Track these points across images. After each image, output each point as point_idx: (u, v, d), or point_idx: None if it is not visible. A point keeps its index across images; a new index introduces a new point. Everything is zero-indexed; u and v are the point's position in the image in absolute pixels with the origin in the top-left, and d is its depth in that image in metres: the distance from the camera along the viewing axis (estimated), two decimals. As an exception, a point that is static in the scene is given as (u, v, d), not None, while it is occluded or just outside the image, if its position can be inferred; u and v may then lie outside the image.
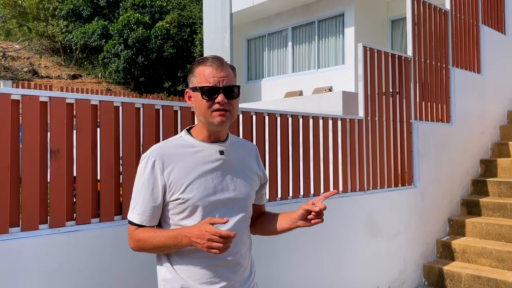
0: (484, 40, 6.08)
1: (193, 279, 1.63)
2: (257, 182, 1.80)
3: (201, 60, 1.68)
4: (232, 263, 1.67)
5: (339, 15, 11.75)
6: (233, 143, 1.77)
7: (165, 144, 1.71)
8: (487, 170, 5.76)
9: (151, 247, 1.62)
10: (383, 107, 4.48)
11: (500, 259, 4.53)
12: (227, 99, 1.62)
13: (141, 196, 1.65)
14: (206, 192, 1.63)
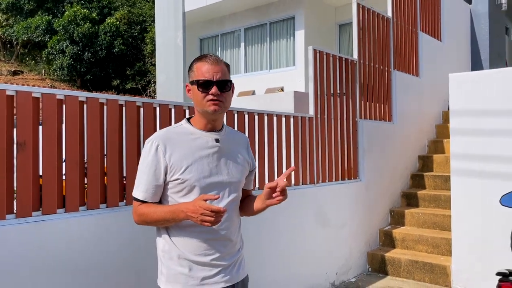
0: (422, 46, 6.61)
1: (188, 251, 1.83)
2: (247, 168, 2.01)
3: (199, 57, 1.90)
4: (223, 238, 1.88)
5: (290, 18, 12.10)
6: (228, 133, 1.98)
7: (167, 131, 1.92)
8: (425, 165, 6.29)
9: (152, 220, 1.82)
10: (331, 106, 4.81)
11: (434, 245, 5.00)
12: (220, 92, 1.83)
13: (145, 176, 1.84)
14: (202, 174, 1.83)
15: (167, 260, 1.86)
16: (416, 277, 4.82)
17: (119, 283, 2.77)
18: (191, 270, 1.82)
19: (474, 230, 4.43)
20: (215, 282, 1.84)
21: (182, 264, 1.83)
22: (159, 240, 1.91)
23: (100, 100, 2.83)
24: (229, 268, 1.89)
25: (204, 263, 1.83)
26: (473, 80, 4.59)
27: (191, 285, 1.81)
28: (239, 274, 1.94)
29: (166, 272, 1.86)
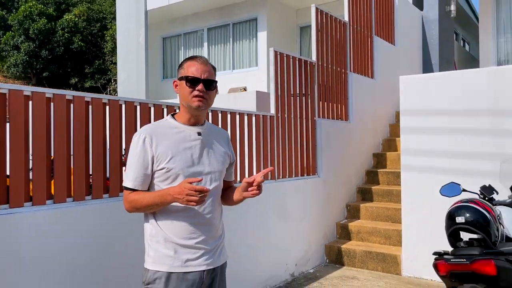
0: (376, 49, 6.98)
1: (174, 234, 1.99)
2: (227, 160, 2.19)
3: (190, 57, 2.10)
4: (207, 223, 2.04)
5: (252, 19, 12.28)
6: (209, 128, 2.16)
7: (153, 125, 2.12)
8: (379, 162, 6.65)
9: (142, 205, 1.97)
10: (291, 106, 5.04)
11: (387, 236, 5.33)
12: (206, 90, 2.02)
13: (134, 166, 2.00)
14: (186, 164, 2.00)
15: (154, 243, 2.02)
16: (370, 267, 5.13)
17: (85, 275, 2.85)
18: (176, 253, 1.98)
19: (421, 222, 4.78)
20: (198, 264, 2.01)
21: (168, 246, 1.99)
22: (146, 225, 2.07)
23: (67, 96, 2.90)
24: (211, 252, 2.06)
25: (188, 246, 2.00)
26: (421, 82, 4.95)
27: (176, 266, 1.98)
28: (220, 259, 2.12)
29: (153, 254, 2.01)
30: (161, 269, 1.98)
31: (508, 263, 2.09)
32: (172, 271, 1.97)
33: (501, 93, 4.39)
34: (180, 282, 1.97)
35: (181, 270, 1.98)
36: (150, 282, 2.00)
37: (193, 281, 1.99)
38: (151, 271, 2.00)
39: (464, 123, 4.57)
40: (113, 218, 3.04)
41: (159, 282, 1.97)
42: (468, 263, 2.11)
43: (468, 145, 4.52)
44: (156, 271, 1.98)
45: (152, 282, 1.99)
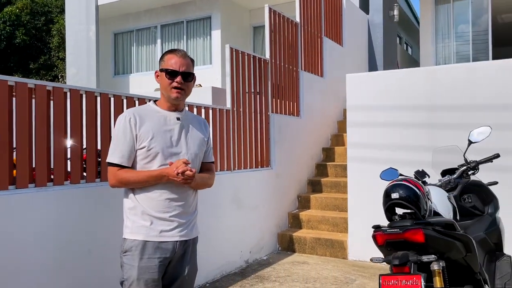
0: (326, 49, 7.38)
1: (150, 208, 2.19)
2: (204, 144, 2.40)
3: (170, 50, 2.30)
4: (181, 199, 2.25)
5: (206, 17, 12.40)
6: (188, 114, 2.39)
7: (137, 108, 2.37)
8: (327, 156, 7.05)
9: (134, 182, 2.19)
10: (246, 101, 5.28)
11: (334, 224, 5.70)
12: (184, 81, 2.23)
13: (120, 143, 2.20)
14: (165, 144, 2.21)
15: (132, 215, 2.21)
16: (319, 252, 5.48)
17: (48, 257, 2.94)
18: (152, 224, 2.19)
19: (365, 209, 5.18)
20: (172, 235, 2.22)
21: (145, 218, 2.19)
22: (126, 200, 2.26)
23: (29, 85, 2.97)
24: (184, 226, 2.27)
25: (163, 218, 2.20)
26: (365, 80, 5.36)
27: (151, 235, 2.18)
28: (192, 233, 2.34)
29: (130, 225, 2.21)
30: (138, 238, 2.17)
31: (434, 232, 2.43)
32: (148, 240, 2.17)
33: (435, 91, 4.86)
34: (155, 250, 2.17)
35: (156, 239, 2.18)
36: (128, 250, 2.18)
37: (166, 250, 2.19)
38: (129, 240, 2.19)
39: (403, 117, 5.00)
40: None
41: (136, 249, 2.16)
42: (401, 232, 2.42)
43: (407, 137, 4.96)
44: (134, 239, 2.18)
45: (129, 250, 2.18)
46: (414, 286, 2.28)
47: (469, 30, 10.75)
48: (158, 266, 2.17)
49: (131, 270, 2.16)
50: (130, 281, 2.15)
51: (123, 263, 2.20)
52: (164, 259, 2.19)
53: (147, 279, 2.14)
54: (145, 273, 2.14)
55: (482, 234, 3.16)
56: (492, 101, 4.54)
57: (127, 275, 2.17)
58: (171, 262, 2.24)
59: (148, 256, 2.16)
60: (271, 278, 4.60)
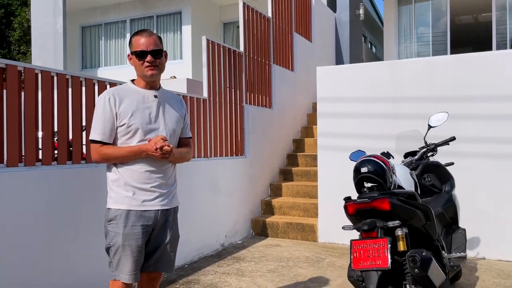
0: (296, 44, 7.67)
1: (132, 179, 2.35)
2: (181, 121, 2.56)
3: (136, 33, 2.43)
4: (161, 171, 2.42)
5: (176, 12, 12.47)
6: (165, 92, 2.54)
7: (116, 87, 2.47)
8: (298, 147, 7.35)
9: (115, 157, 2.34)
10: (222, 91, 5.48)
11: (305, 209, 6.00)
12: (154, 59, 2.35)
13: (101, 121, 2.33)
14: (144, 121, 2.37)
15: (116, 187, 2.37)
16: (290, 236, 5.76)
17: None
18: (134, 194, 2.35)
19: (334, 195, 5.47)
20: (153, 204, 2.39)
21: (127, 189, 2.35)
22: (109, 173, 2.41)
23: (18, 67, 3.07)
24: (164, 196, 2.44)
25: (145, 189, 2.37)
26: (335, 72, 5.68)
27: (134, 205, 2.34)
28: (172, 202, 2.52)
29: (114, 196, 2.37)
30: (122, 207, 2.34)
31: (398, 201, 2.72)
32: (131, 209, 2.33)
33: (398, 83, 5.23)
34: (138, 218, 2.33)
35: (138, 208, 2.34)
36: (112, 218, 2.34)
37: (149, 218, 2.36)
38: (113, 209, 2.35)
39: (369, 108, 5.35)
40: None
41: (120, 218, 2.32)
42: (370, 201, 2.70)
43: (373, 127, 5.30)
44: (117, 209, 2.34)
45: (114, 219, 2.34)
46: (380, 248, 2.57)
47: (429, 31, 11.36)
48: (142, 233, 2.33)
49: (116, 237, 2.31)
50: (116, 247, 2.31)
51: (108, 231, 2.35)
52: (146, 227, 2.35)
53: (131, 245, 2.30)
54: (130, 239, 2.30)
55: (440, 209, 3.51)
56: (448, 93, 4.94)
57: (113, 242, 2.32)
58: (154, 229, 2.41)
59: (132, 224, 2.32)
60: (247, 258, 4.83)
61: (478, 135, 4.76)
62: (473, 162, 4.77)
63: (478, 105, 4.79)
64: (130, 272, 2.31)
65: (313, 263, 4.62)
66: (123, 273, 2.31)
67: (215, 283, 4.00)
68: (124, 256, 2.30)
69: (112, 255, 2.34)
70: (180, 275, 4.26)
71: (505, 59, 4.75)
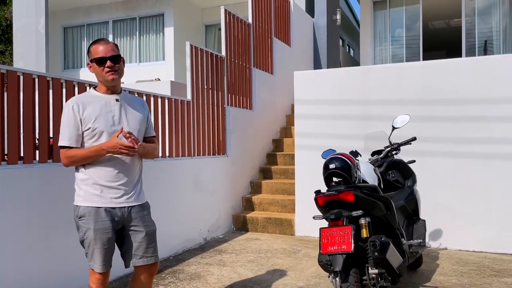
0: (275, 49, 8.03)
1: (100, 178, 2.56)
2: (145, 121, 2.77)
3: (93, 42, 2.63)
4: (127, 170, 2.64)
5: (159, 14, 12.69)
6: (126, 95, 2.74)
7: (79, 96, 2.66)
8: (277, 147, 7.71)
9: (79, 158, 2.52)
10: (205, 93, 5.80)
11: (283, 205, 6.36)
12: (113, 64, 2.55)
13: (67, 128, 2.54)
14: (108, 123, 2.57)
15: (84, 185, 2.56)
16: (269, 230, 6.11)
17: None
18: (102, 192, 2.55)
19: (310, 192, 5.84)
20: (120, 202, 2.59)
21: (95, 188, 2.55)
22: (77, 173, 2.61)
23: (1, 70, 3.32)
24: (130, 193, 2.64)
25: (112, 187, 2.57)
26: (311, 77, 6.05)
27: (103, 202, 2.55)
28: (138, 199, 2.70)
29: (83, 194, 2.56)
30: (91, 205, 2.53)
31: (362, 194, 3.08)
32: (100, 206, 2.54)
33: (369, 87, 5.63)
34: (106, 214, 2.54)
35: (107, 205, 2.55)
36: (82, 215, 2.55)
37: (115, 215, 2.57)
38: (82, 207, 2.55)
39: (342, 110, 5.74)
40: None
41: (89, 215, 2.53)
42: (336, 194, 3.05)
43: (345, 128, 5.69)
44: (87, 206, 2.54)
45: (84, 216, 2.54)
46: (345, 234, 2.94)
47: (403, 35, 11.89)
48: (111, 227, 2.56)
49: (88, 232, 2.54)
50: (89, 240, 2.54)
51: (80, 226, 2.57)
52: (115, 222, 2.57)
53: (102, 238, 2.53)
54: (101, 233, 2.53)
55: (402, 202, 3.91)
56: (415, 97, 5.36)
57: (86, 236, 2.55)
58: (125, 227, 2.62)
59: (101, 219, 2.53)
60: (228, 251, 5.16)
61: (439, 136, 5.20)
62: (434, 160, 5.21)
63: (439, 108, 5.22)
64: (102, 262, 2.54)
65: (289, 254, 4.98)
66: (96, 263, 2.54)
67: (198, 272, 4.32)
68: (96, 248, 2.53)
69: (87, 247, 2.57)
70: (166, 265, 4.56)
71: (463, 66, 5.20)
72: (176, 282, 4.04)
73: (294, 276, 4.19)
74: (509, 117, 4.91)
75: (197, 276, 4.22)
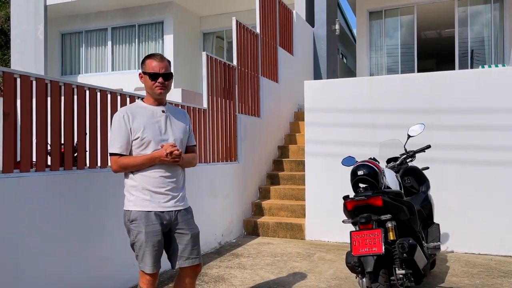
0: (280, 58, 8.24)
1: (149, 185, 2.72)
2: (186, 130, 2.95)
3: (149, 56, 2.81)
4: (172, 177, 2.81)
5: (158, 22, 12.83)
6: (170, 107, 2.92)
7: (129, 106, 2.88)
8: (283, 153, 7.90)
9: (132, 166, 2.70)
10: (219, 102, 5.96)
11: (292, 211, 6.54)
12: (164, 81, 2.77)
13: (118, 137, 2.71)
14: (155, 133, 2.75)
15: (135, 191, 2.73)
16: (280, 235, 6.28)
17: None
18: (151, 197, 2.72)
19: (320, 197, 6.06)
20: (168, 206, 2.76)
21: (145, 193, 2.72)
22: (127, 180, 2.77)
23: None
24: (177, 198, 2.81)
25: (160, 192, 2.74)
26: (320, 86, 6.27)
27: (152, 207, 2.71)
28: (183, 203, 2.87)
29: (134, 199, 2.72)
30: (142, 209, 2.70)
31: (389, 199, 3.28)
32: (150, 210, 2.70)
33: (377, 97, 5.86)
34: (156, 218, 2.70)
35: (156, 209, 2.71)
36: (134, 219, 2.70)
37: (164, 218, 2.73)
38: (134, 211, 2.70)
39: (351, 118, 5.95)
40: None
41: (141, 219, 2.68)
42: (366, 198, 3.25)
43: (354, 135, 5.90)
44: (138, 211, 2.70)
45: (135, 219, 2.70)
46: (376, 237, 3.13)
47: (398, 44, 12.22)
48: (160, 230, 2.71)
49: (139, 234, 2.69)
50: (140, 242, 2.69)
51: (131, 229, 2.72)
52: (164, 225, 2.73)
53: (153, 241, 2.69)
54: (151, 236, 2.68)
55: (418, 206, 4.12)
56: (421, 106, 5.61)
57: (137, 239, 2.70)
58: (172, 229, 2.77)
59: (152, 223, 2.69)
60: (244, 255, 5.31)
61: (446, 143, 5.45)
62: (442, 166, 5.45)
63: (445, 117, 5.48)
64: (152, 264, 2.69)
65: (305, 258, 5.15)
66: (147, 265, 2.69)
67: (221, 275, 4.47)
68: (147, 250, 2.68)
69: (138, 250, 2.71)
70: (188, 269, 4.69)
71: (466, 77, 5.47)
72: (202, 285, 4.17)
73: (314, 278, 4.36)
74: (509, 125, 5.19)
75: (221, 278, 4.36)
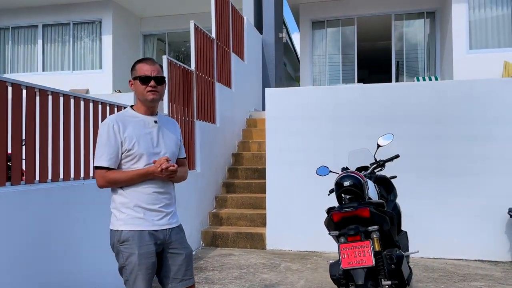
0: (233, 63, 8.11)
1: (141, 201, 2.46)
2: (178, 143, 2.71)
3: (140, 60, 2.57)
4: (165, 192, 2.56)
5: (96, 21, 12.15)
6: (162, 117, 2.67)
7: (118, 114, 2.54)
8: (237, 161, 7.75)
9: (122, 181, 2.42)
10: (179, 108, 5.69)
11: (252, 220, 6.41)
12: (157, 84, 2.52)
13: (106, 148, 2.41)
14: (147, 146, 2.49)
15: (125, 209, 2.45)
16: (240, 245, 6.12)
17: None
18: (145, 215, 2.46)
19: (281, 205, 6.00)
20: (163, 224, 2.52)
21: (137, 211, 2.45)
22: (116, 196, 2.49)
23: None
24: (169, 215, 2.59)
25: (154, 209, 2.49)
26: (281, 94, 6.24)
27: (146, 226, 2.46)
28: (176, 220, 2.66)
29: (124, 217, 2.44)
30: (134, 228, 2.44)
31: (374, 210, 3.29)
32: (143, 229, 2.45)
33: (338, 105, 5.94)
34: (150, 238, 2.46)
35: (150, 228, 2.46)
36: (125, 240, 2.43)
37: (158, 238, 2.49)
38: (124, 231, 2.43)
39: (312, 126, 5.97)
40: None
41: (133, 239, 2.42)
42: (354, 210, 3.22)
43: (315, 143, 5.93)
44: (130, 230, 2.43)
45: (126, 240, 2.43)
46: (365, 249, 3.10)
47: (339, 54, 12.63)
48: (155, 251, 2.49)
49: (131, 257, 2.42)
50: (132, 265, 2.43)
51: (121, 251, 2.45)
52: (157, 246, 2.51)
53: (147, 263, 2.44)
54: (145, 258, 2.44)
55: (390, 215, 4.19)
56: (380, 115, 5.77)
57: (128, 261, 2.43)
58: (164, 250, 2.54)
59: (145, 243, 2.44)
60: (208, 268, 5.08)
61: (402, 152, 5.63)
62: (399, 175, 5.62)
63: (400, 126, 5.68)
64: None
65: (271, 269, 5.04)
66: None
67: (191, 293, 4.21)
68: (139, 274, 2.43)
69: (128, 274, 2.44)
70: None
71: (420, 89, 5.73)
72: (173, 304, 3.89)
73: (288, 291, 4.26)
74: (464, 135, 5.50)
75: (192, 296, 4.11)
